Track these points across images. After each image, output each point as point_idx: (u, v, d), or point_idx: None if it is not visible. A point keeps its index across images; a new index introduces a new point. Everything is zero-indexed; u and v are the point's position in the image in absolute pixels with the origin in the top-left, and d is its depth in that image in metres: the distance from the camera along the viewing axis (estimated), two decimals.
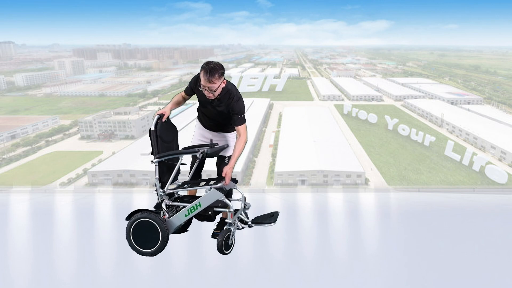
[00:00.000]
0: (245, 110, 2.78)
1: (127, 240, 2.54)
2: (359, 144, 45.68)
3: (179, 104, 2.98)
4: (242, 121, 2.72)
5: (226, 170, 2.65)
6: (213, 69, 2.56)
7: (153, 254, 2.52)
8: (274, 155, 39.95)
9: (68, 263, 2.50)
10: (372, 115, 54.51)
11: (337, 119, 56.85)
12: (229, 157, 2.90)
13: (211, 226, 3.29)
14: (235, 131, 2.87)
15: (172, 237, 2.86)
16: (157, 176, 2.65)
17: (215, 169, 3.02)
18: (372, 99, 71.20)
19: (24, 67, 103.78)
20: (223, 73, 2.61)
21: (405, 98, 69.21)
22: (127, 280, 2.28)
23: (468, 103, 66.16)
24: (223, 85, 2.62)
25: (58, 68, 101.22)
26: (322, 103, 69.65)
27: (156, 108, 65.16)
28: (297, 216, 3.54)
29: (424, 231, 3.09)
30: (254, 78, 74.03)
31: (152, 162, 2.67)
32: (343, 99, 71.29)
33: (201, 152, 2.76)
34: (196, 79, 2.75)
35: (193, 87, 2.80)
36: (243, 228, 2.75)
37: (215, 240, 2.82)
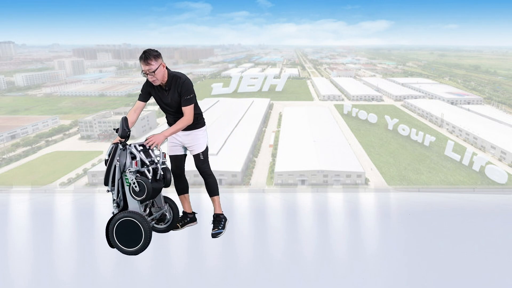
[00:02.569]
0: (194, 91, 2.90)
1: (109, 241, 2.58)
2: (359, 144, 45.68)
3: (137, 114, 3.01)
4: (189, 102, 2.85)
5: (155, 136, 2.77)
6: (147, 52, 2.70)
7: (137, 252, 2.54)
8: (274, 155, 39.95)
9: (68, 263, 2.50)
10: (372, 115, 54.50)
11: (337, 119, 56.84)
12: (202, 153, 3.01)
13: (210, 226, 3.29)
14: (204, 127, 3.04)
15: (172, 237, 2.86)
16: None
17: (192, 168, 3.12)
18: (372, 99, 71.20)
19: (24, 67, 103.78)
20: (158, 55, 2.73)
21: (405, 98, 69.21)
22: (127, 280, 2.28)
23: (468, 103, 66.16)
24: (163, 69, 2.75)
25: (58, 68, 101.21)
26: (322, 103, 69.64)
27: (156, 108, 65.18)
28: (297, 216, 3.54)
29: (424, 231, 3.09)
30: (254, 78, 74.08)
31: (108, 191, 2.69)
32: (343, 99, 71.29)
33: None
34: (146, 80, 2.87)
35: (147, 89, 2.89)
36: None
37: (215, 240, 2.83)
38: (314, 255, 2.63)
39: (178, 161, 3.04)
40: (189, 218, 3.09)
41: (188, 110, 2.85)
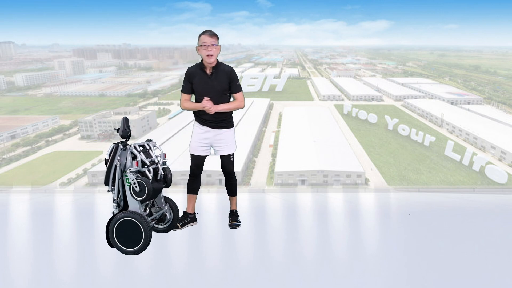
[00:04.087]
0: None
1: (110, 241, 2.59)
2: (359, 144, 45.67)
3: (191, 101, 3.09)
4: (240, 88, 3.01)
5: (213, 105, 2.86)
6: (212, 30, 2.88)
7: (137, 252, 2.54)
8: (274, 155, 39.95)
9: (68, 263, 2.50)
10: (372, 115, 54.50)
11: (337, 119, 56.85)
12: (233, 154, 3.07)
13: (210, 226, 3.28)
14: (233, 128, 3.07)
15: (172, 237, 2.86)
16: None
17: (205, 168, 3.13)
18: (372, 99, 71.19)
19: (24, 67, 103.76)
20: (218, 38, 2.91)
21: (405, 98, 69.20)
22: (127, 280, 2.28)
23: (468, 103, 66.15)
24: (219, 50, 2.90)
25: (58, 68, 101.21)
26: (322, 103, 69.65)
27: (156, 108, 65.20)
28: (297, 216, 3.54)
29: (424, 231, 3.09)
30: (254, 78, 73.97)
31: (108, 191, 2.69)
32: (343, 99, 71.29)
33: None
34: (187, 73, 2.96)
35: (189, 79, 2.94)
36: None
37: (215, 240, 2.83)
38: (314, 255, 2.63)
39: (201, 161, 3.08)
40: (190, 218, 3.10)
41: (241, 96, 2.99)
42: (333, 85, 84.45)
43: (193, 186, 3.12)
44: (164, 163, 2.79)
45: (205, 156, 3.09)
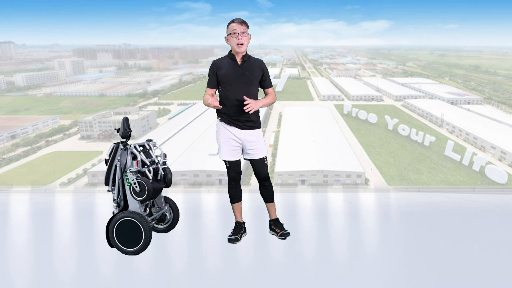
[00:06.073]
0: None
1: (110, 241, 2.58)
2: (359, 144, 45.69)
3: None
4: (271, 83, 2.82)
5: (254, 102, 2.60)
6: (241, 18, 2.67)
7: (137, 252, 2.54)
8: (274, 155, 39.94)
9: (68, 263, 2.50)
10: (372, 115, 54.53)
11: (337, 119, 56.86)
12: (266, 157, 2.87)
13: (210, 226, 3.28)
14: (261, 129, 2.84)
15: (172, 237, 2.86)
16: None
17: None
18: (372, 99, 71.22)
19: (24, 67, 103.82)
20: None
21: (405, 98, 69.23)
22: (127, 280, 2.29)
23: (468, 103, 66.18)
24: (249, 41, 2.70)
25: (58, 68, 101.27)
26: (322, 103, 69.67)
27: (156, 108, 65.21)
28: (297, 216, 3.54)
29: (424, 231, 3.09)
30: None
31: (108, 191, 2.67)
32: (343, 99, 71.33)
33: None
34: (212, 64, 2.74)
35: (214, 71, 2.71)
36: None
37: (215, 240, 2.83)
38: (314, 255, 2.63)
39: (238, 166, 2.86)
40: (244, 228, 2.91)
41: (273, 90, 2.83)
42: (333, 85, 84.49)
43: (237, 195, 2.90)
44: (164, 163, 2.79)
45: (239, 161, 2.86)
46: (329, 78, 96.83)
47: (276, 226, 2.86)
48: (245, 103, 2.58)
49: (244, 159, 2.87)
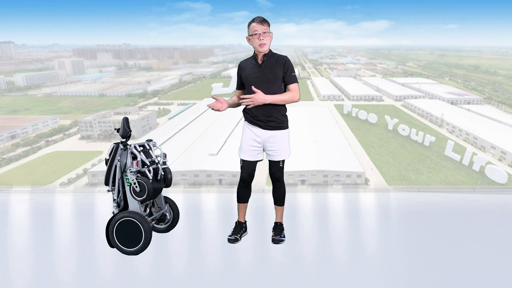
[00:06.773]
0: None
1: (110, 241, 2.58)
2: (359, 144, 45.69)
3: (234, 103, 2.84)
4: (295, 79, 2.69)
5: (256, 96, 2.56)
6: (262, 17, 2.61)
7: (137, 252, 2.54)
8: None
9: (68, 263, 2.50)
10: (372, 115, 54.54)
11: (337, 119, 56.88)
12: (283, 161, 2.77)
13: (210, 226, 3.28)
14: (287, 129, 2.76)
15: (172, 237, 2.86)
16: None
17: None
18: (372, 99, 71.23)
19: (24, 67, 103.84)
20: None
21: (405, 98, 69.25)
22: (127, 280, 2.28)
23: (468, 103, 66.19)
24: (271, 39, 2.65)
25: (58, 68, 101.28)
26: (322, 103, 69.68)
27: (156, 108, 65.22)
28: (297, 216, 3.54)
29: (424, 231, 3.09)
30: None
31: (108, 191, 2.67)
32: (343, 99, 71.35)
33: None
34: (238, 66, 2.76)
35: (239, 73, 2.74)
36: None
37: (215, 240, 2.83)
38: (314, 255, 2.63)
39: (252, 168, 2.78)
40: (244, 227, 2.91)
41: (296, 87, 2.66)
42: (333, 85, 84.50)
43: (245, 196, 2.86)
44: (164, 163, 2.79)
45: (256, 162, 2.78)
46: (329, 78, 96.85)
47: (274, 230, 2.84)
48: (243, 96, 2.61)
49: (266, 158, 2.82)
